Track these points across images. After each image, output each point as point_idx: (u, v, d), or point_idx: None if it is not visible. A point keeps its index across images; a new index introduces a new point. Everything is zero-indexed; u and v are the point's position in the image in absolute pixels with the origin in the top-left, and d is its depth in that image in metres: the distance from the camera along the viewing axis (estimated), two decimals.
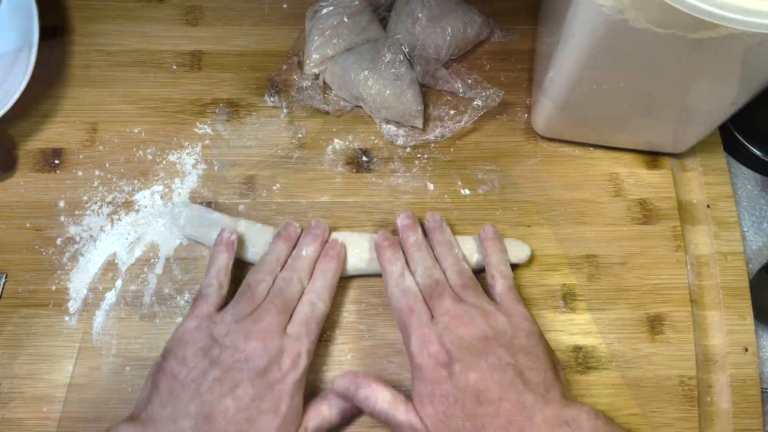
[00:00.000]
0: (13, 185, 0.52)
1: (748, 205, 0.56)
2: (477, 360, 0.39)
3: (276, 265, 0.46)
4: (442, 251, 0.47)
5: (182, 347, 0.41)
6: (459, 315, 0.42)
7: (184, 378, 0.39)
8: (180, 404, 0.38)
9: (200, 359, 0.40)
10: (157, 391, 0.39)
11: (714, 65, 0.39)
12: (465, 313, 0.42)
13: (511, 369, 0.39)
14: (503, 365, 0.39)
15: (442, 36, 0.54)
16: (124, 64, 0.56)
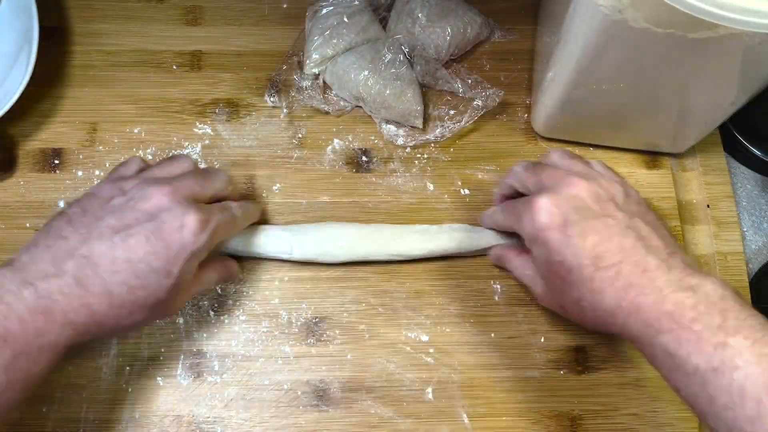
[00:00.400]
0: (13, 185, 0.52)
1: (747, 205, 0.56)
2: (595, 221, 0.37)
3: None
4: None
5: (88, 197, 0.40)
6: (571, 175, 0.39)
7: (78, 223, 0.38)
8: (66, 246, 0.36)
9: (100, 207, 0.38)
10: (45, 234, 0.37)
11: (713, 65, 0.39)
12: (578, 173, 0.40)
13: (632, 233, 0.37)
14: (624, 228, 0.37)
15: (442, 36, 0.54)
16: (124, 64, 0.56)
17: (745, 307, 0.33)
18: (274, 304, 0.49)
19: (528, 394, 0.47)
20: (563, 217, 0.37)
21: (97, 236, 0.37)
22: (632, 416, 0.46)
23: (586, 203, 0.38)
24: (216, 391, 0.46)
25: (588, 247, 0.36)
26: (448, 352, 0.48)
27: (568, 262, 0.37)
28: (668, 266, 0.35)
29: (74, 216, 0.38)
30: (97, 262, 0.36)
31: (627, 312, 0.35)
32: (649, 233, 0.37)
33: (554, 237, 0.37)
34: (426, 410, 0.46)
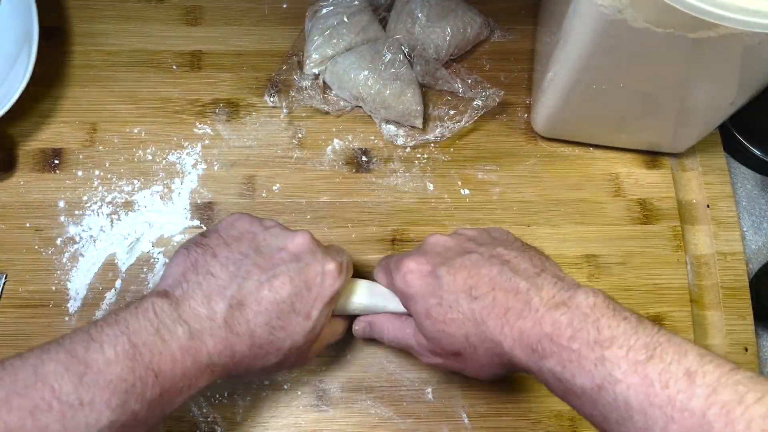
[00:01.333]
0: (13, 185, 0.52)
1: (747, 205, 0.56)
2: (461, 259, 0.38)
3: None
4: None
5: (228, 228, 0.40)
6: (430, 236, 0.41)
7: (224, 258, 0.38)
8: (216, 285, 0.36)
9: (244, 242, 0.39)
10: (193, 269, 0.37)
11: (713, 65, 0.39)
12: (435, 235, 0.41)
13: (496, 260, 0.37)
14: (487, 258, 0.38)
15: (441, 36, 0.54)
16: (124, 64, 0.56)
17: (617, 311, 0.33)
18: None
19: (528, 394, 0.47)
20: (430, 264, 0.39)
21: (245, 275, 0.37)
22: None
23: (447, 247, 0.40)
24: (216, 391, 0.46)
25: (459, 283, 0.37)
26: None
27: (446, 301, 0.37)
28: (538, 285, 0.35)
29: (218, 250, 0.38)
30: (245, 303, 0.36)
31: (511, 339, 0.35)
32: (515, 257, 0.38)
33: (427, 284, 0.38)
34: (426, 410, 0.46)
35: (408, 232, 0.51)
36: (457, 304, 0.37)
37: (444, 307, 0.37)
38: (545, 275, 0.36)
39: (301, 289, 0.38)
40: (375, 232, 0.51)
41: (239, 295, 0.36)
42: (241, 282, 0.37)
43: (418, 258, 0.39)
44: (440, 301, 0.37)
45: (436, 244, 0.40)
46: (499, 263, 0.37)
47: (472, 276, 0.37)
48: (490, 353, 0.36)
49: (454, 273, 0.37)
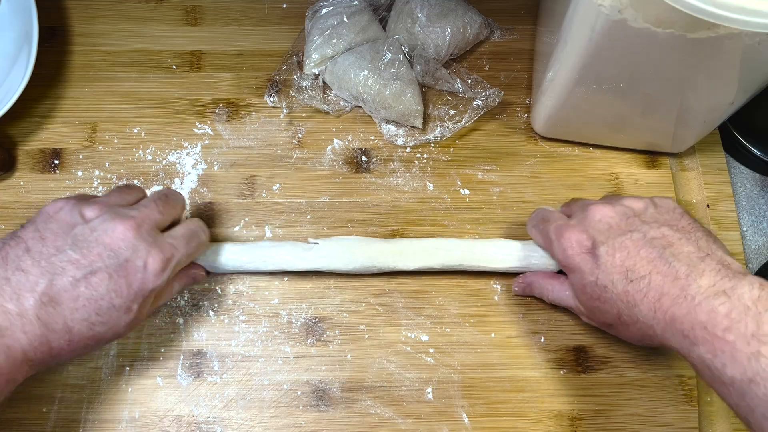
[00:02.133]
0: (13, 185, 0.52)
1: (747, 205, 0.56)
2: (621, 238, 0.38)
3: None
4: None
5: (46, 221, 0.38)
6: (597, 204, 0.41)
7: (37, 253, 0.36)
8: (27, 281, 0.35)
9: (61, 236, 0.37)
10: (3, 264, 0.36)
11: (713, 65, 0.39)
12: (603, 202, 0.42)
13: (658, 241, 0.37)
14: (649, 239, 0.38)
15: (441, 36, 0.54)
16: (124, 64, 0.56)
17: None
18: (274, 304, 0.49)
19: (528, 394, 0.47)
20: (591, 240, 0.40)
21: (59, 272, 0.36)
22: (632, 416, 0.46)
23: (611, 223, 0.40)
24: (216, 391, 0.46)
25: (617, 263, 0.38)
26: (448, 352, 0.48)
27: (601, 281, 0.38)
28: (699, 271, 0.35)
29: (32, 243, 0.37)
30: (59, 300, 0.36)
31: (663, 323, 0.35)
32: (679, 239, 0.37)
33: (586, 260, 0.39)
34: (426, 410, 0.46)
35: (408, 232, 0.51)
36: (612, 285, 0.38)
37: (599, 286, 0.39)
38: (709, 261, 0.36)
39: (120, 286, 0.37)
40: (375, 232, 0.51)
41: (51, 292, 0.35)
42: (52, 278, 0.36)
43: (579, 231, 0.40)
44: (596, 280, 0.39)
45: (600, 220, 0.40)
46: (661, 246, 0.37)
47: (631, 257, 0.37)
48: (641, 333, 0.38)
49: (613, 253, 0.38)
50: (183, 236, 0.41)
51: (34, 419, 0.45)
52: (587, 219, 0.41)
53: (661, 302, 0.35)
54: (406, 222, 0.51)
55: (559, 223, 0.42)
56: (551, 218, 0.43)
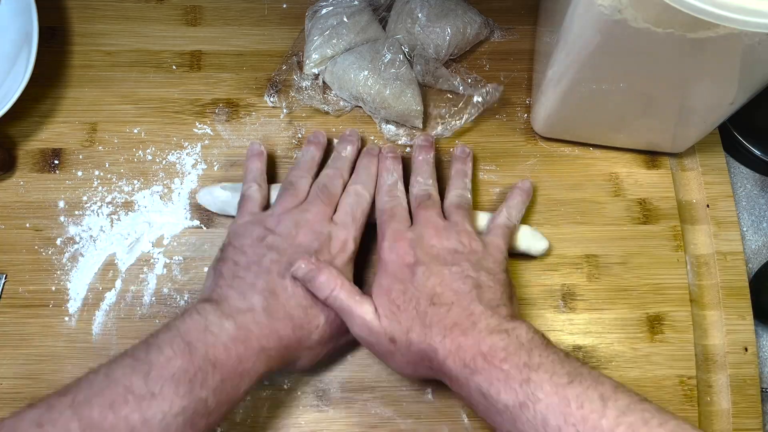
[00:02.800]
0: (13, 185, 0.52)
1: (747, 205, 0.56)
2: (441, 268, 0.41)
3: (312, 165, 0.49)
4: (455, 177, 0.49)
5: (238, 238, 0.44)
6: (437, 227, 0.44)
7: (244, 263, 0.42)
8: (245, 283, 0.41)
9: (257, 246, 0.43)
10: (221, 277, 0.41)
11: (713, 65, 0.39)
12: (444, 227, 0.44)
13: (470, 281, 0.40)
14: (464, 276, 0.41)
15: (441, 36, 0.54)
16: (123, 64, 0.56)
17: (549, 346, 0.37)
18: None
19: None
20: (414, 258, 0.42)
21: (266, 271, 0.41)
22: None
23: (440, 254, 0.42)
24: None
25: (428, 285, 0.40)
26: None
27: (409, 293, 0.40)
28: (492, 314, 0.39)
29: (238, 258, 0.42)
30: (276, 292, 0.41)
31: (448, 350, 0.38)
32: (489, 287, 0.41)
33: (402, 270, 0.41)
34: (426, 410, 0.46)
35: None
36: (416, 301, 0.40)
37: (405, 296, 0.40)
38: (502, 308, 0.40)
39: None
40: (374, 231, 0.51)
41: (269, 287, 0.41)
42: (266, 276, 0.41)
43: (409, 246, 0.42)
44: (404, 290, 0.41)
45: (433, 246, 0.43)
46: (471, 286, 0.40)
47: (443, 285, 0.40)
48: (421, 355, 0.39)
49: (428, 275, 0.41)
50: (347, 214, 0.45)
51: None
52: (423, 240, 0.43)
53: (452, 330, 0.38)
54: None
55: (399, 227, 0.44)
56: (396, 217, 0.45)
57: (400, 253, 0.42)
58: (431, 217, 0.44)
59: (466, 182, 0.49)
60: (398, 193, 0.47)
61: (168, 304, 0.48)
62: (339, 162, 0.49)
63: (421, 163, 0.49)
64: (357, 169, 0.49)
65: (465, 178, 0.49)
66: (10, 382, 0.46)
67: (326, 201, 0.45)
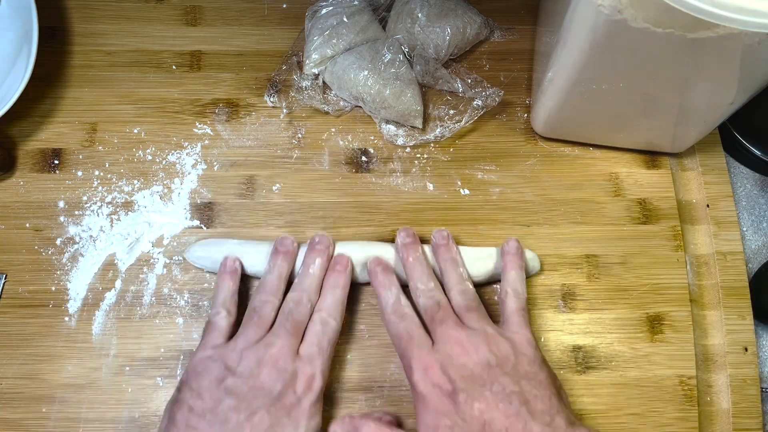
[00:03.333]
0: (13, 185, 0.52)
1: (747, 205, 0.56)
2: (481, 390, 0.39)
3: (279, 284, 0.45)
4: (447, 269, 0.46)
5: (196, 379, 0.41)
6: (462, 342, 0.41)
7: (200, 409, 0.39)
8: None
9: (215, 389, 0.40)
10: (174, 425, 0.39)
11: (713, 65, 0.39)
12: (468, 339, 0.41)
13: (516, 397, 0.39)
14: (508, 394, 0.39)
15: (441, 36, 0.54)
16: (123, 64, 0.56)
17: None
18: None
19: None
20: (452, 384, 0.39)
21: (223, 420, 0.38)
22: (632, 416, 0.46)
23: (473, 372, 0.40)
24: None
25: (476, 415, 0.38)
26: None
27: (458, 427, 0.38)
28: (552, 429, 0.37)
29: (193, 403, 0.40)
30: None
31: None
32: (534, 397, 0.39)
33: (444, 403, 0.39)
34: None
35: None
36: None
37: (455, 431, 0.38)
38: (559, 418, 0.38)
39: (279, 416, 0.39)
40: (375, 232, 0.51)
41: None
42: (221, 427, 0.38)
43: (440, 371, 0.40)
44: (453, 424, 0.38)
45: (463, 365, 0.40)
46: (518, 403, 0.38)
47: (490, 410, 0.38)
48: None
49: (472, 403, 0.38)
50: (312, 344, 0.42)
51: (34, 419, 0.45)
52: (452, 360, 0.40)
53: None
54: (406, 222, 0.51)
55: (422, 352, 0.41)
56: (415, 339, 0.42)
57: (435, 382, 0.39)
58: (451, 331, 0.41)
59: (461, 272, 0.46)
60: (406, 310, 0.44)
61: (168, 304, 0.48)
62: (306, 281, 0.45)
63: (413, 265, 0.46)
64: (323, 292, 0.45)
65: (457, 267, 0.46)
66: (10, 382, 0.46)
67: (292, 331, 0.42)
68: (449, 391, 0.39)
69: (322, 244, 0.46)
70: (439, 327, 0.42)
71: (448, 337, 0.41)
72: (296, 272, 0.47)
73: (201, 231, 0.51)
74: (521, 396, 0.39)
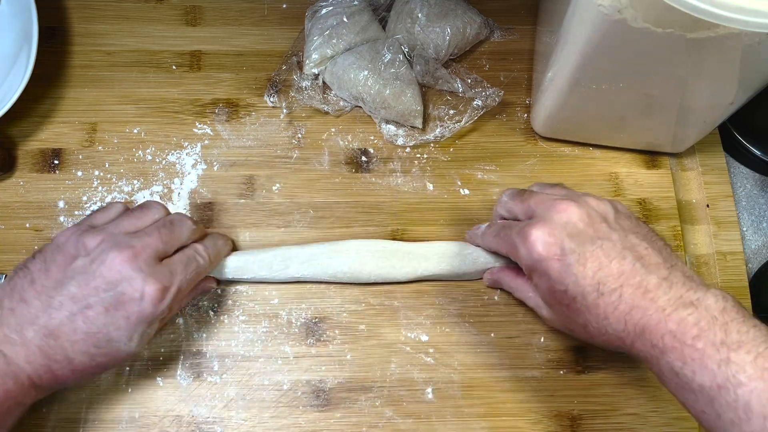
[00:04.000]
0: (13, 185, 0.52)
1: (747, 205, 0.56)
2: (591, 247, 0.37)
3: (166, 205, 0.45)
4: None
5: (54, 252, 0.39)
6: (559, 201, 0.39)
7: (40, 285, 0.38)
8: (29, 313, 0.37)
9: (62, 268, 0.38)
10: (10, 293, 0.37)
11: (712, 65, 0.39)
12: (564, 197, 0.40)
13: (629, 252, 0.37)
14: (619, 249, 0.37)
15: (441, 36, 0.54)
16: (123, 64, 0.56)
17: (747, 318, 0.33)
18: (274, 304, 0.49)
19: (528, 394, 0.47)
20: (560, 245, 0.37)
21: (57, 306, 0.37)
22: (632, 416, 0.46)
23: (580, 228, 0.38)
24: (216, 392, 0.46)
25: (589, 274, 0.37)
26: (448, 352, 0.48)
27: (571, 291, 0.37)
28: (669, 283, 0.35)
29: (37, 275, 0.38)
30: (57, 334, 0.37)
31: (633, 334, 0.36)
32: (646, 249, 0.37)
33: (554, 267, 0.38)
34: (426, 410, 0.46)
35: (408, 232, 0.51)
36: (582, 297, 0.37)
37: (568, 295, 0.37)
38: (675, 272, 0.36)
39: (117, 318, 0.37)
40: (375, 232, 0.51)
41: (51, 326, 0.37)
42: (53, 312, 0.37)
43: (547, 234, 0.38)
44: (566, 289, 0.37)
45: (567, 222, 0.38)
46: (632, 257, 0.37)
47: (603, 268, 0.36)
48: (609, 344, 0.38)
49: (584, 262, 0.37)
50: (180, 262, 0.41)
51: (34, 419, 0.45)
52: (553, 221, 0.38)
53: (631, 314, 0.36)
54: (406, 222, 0.51)
55: (522, 225, 0.40)
56: (512, 224, 0.42)
57: (540, 247, 0.38)
58: (545, 197, 0.40)
59: None
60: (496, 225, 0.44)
61: None
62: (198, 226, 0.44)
63: (495, 210, 0.47)
64: (211, 235, 0.46)
65: None
66: None
67: (165, 238, 0.40)
68: (558, 254, 0.37)
69: None
70: (529, 199, 0.41)
71: (543, 203, 0.40)
72: None
73: None
74: (633, 251, 0.37)
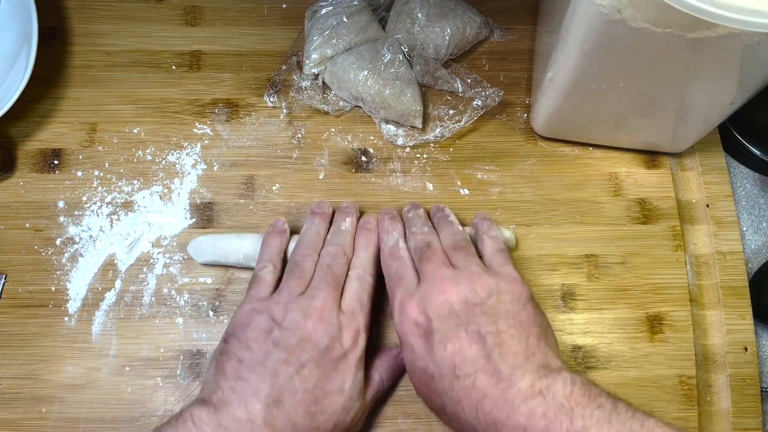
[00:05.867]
0: (13, 185, 0.52)
1: (747, 205, 0.56)
2: (456, 330, 0.38)
3: (318, 241, 0.46)
4: (438, 222, 0.47)
5: (244, 331, 0.41)
6: (444, 279, 0.40)
7: (249, 361, 0.39)
8: (249, 388, 0.38)
9: (263, 342, 0.40)
10: (223, 376, 0.39)
11: (712, 64, 0.39)
12: (451, 277, 0.40)
13: (490, 338, 0.37)
14: (482, 335, 0.38)
15: (441, 36, 0.54)
16: (123, 64, 0.56)
17: (592, 399, 0.34)
18: None
19: None
20: (427, 326, 0.39)
21: (274, 373, 0.38)
22: None
23: (454, 310, 0.39)
24: None
25: (447, 356, 0.38)
26: None
27: (430, 370, 0.38)
28: (523, 371, 0.36)
29: (242, 354, 0.39)
30: (281, 399, 0.38)
31: (485, 425, 0.36)
32: (511, 337, 0.38)
33: (419, 343, 0.39)
34: (426, 410, 0.46)
35: None
36: (440, 377, 0.38)
37: (428, 373, 0.39)
38: (533, 360, 0.37)
39: (329, 370, 0.39)
40: None
41: (274, 393, 0.38)
42: (271, 381, 0.38)
43: (419, 311, 0.39)
44: (426, 367, 0.39)
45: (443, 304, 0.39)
46: (492, 344, 0.37)
47: (462, 352, 0.37)
48: (464, 427, 0.38)
49: (445, 344, 0.38)
50: (354, 300, 0.43)
51: (34, 419, 0.45)
52: (430, 300, 0.39)
53: (483, 404, 0.36)
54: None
55: (405, 292, 0.41)
56: (403, 280, 0.42)
57: (412, 321, 0.39)
58: (436, 269, 0.41)
59: (451, 221, 0.46)
60: (402, 253, 0.44)
61: (168, 304, 0.48)
62: (339, 237, 0.46)
63: (412, 218, 0.47)
64: (356, 250, 0.46)
65: (449, 218, 0.47)
66: (10, 382, 0.46)
67: (332, 284, 0.42)
68: (424, 332, 0.39)
69: (351, 207, 0.48)
70: (426, 265, 0.42)
71: (431, 275, 0.41)
72: None
73: (201, 231, 0.51)
74: (497, 336, 0.38)
